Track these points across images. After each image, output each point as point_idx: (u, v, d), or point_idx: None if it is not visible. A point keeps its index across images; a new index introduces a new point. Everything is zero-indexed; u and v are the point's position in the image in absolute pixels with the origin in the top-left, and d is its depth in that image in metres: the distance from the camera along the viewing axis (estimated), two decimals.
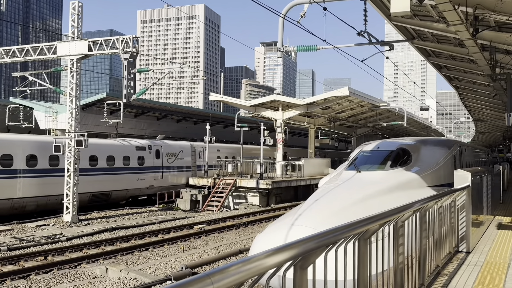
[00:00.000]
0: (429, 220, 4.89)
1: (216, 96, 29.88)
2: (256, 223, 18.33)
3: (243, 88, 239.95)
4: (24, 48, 18.95)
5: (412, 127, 42.78)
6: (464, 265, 5.92)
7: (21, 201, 18.88)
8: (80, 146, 17.92)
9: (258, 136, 27.54)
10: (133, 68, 17.30)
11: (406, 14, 7.74)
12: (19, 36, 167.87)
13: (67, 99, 18.35)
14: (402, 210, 3.74)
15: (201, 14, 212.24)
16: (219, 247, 13.29)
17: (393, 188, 9.00)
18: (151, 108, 35.17)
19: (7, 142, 18.69)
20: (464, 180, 6.94)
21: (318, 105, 27.53)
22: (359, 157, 10.70)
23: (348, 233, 2.67)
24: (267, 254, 1.90)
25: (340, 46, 13.27)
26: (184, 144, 27.94)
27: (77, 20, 17.93)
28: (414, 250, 4.38)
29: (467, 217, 6.75)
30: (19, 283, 9.70)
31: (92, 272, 10.54)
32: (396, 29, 11.88)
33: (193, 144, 28.65)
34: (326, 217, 7.33)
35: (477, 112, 29.47)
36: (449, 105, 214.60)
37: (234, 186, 23.96)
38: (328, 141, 34.22)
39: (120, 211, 21.37)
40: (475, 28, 8.38)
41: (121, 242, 14.03)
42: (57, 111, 30.33)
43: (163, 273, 10.25)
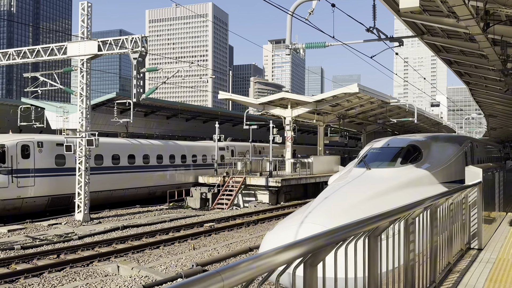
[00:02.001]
0: (440, 217, 4.85)
1: (224, 95, 29.92)
2: (265, 221, 18.34)
3: (252, 86, 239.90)
4: (35, 49, 19.15)
5: (422, 124, 42.42)
6: (476, 262, 5.87)
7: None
8: (91, 146, 18.07)
9: (267, 134, 27.54)
10: (142, 68, 17.39)
11: (415, 10, 7.67)
12: (30, 37, 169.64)
13: (78, 99, 18.51)
14: (412, 207, 3.72)
15: (209, 13, 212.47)
16: (229, 245, 13.33)
17: (404, 185, 8.95)
18: (161, 107, 35.34)
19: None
20: (476, 176, 6.88)
21: (327, 102, 27.43)
22: (369, 154, 10.65)
23: (358, 230, 2.67)
24: (277, 251, 1.90)
25: (349, 42, 13.21)
26: (248, 144, 32.78)
27: (87, 20, 18.07)
28: (425, 247, 4.35)
29: (478, 213, 6.69)
30: (33, 281, 9.84)
31: (104, 270, 10.64)
32: (405, 25, 11.78)
33: (254, 144, 33.78)
34: (336, 214, 7.31)
35: (489, 108, 29.13)
36: (460, 100, 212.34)
37: (244, 184, 23.99)
38: (338, 138, 34.09)
39: (131, 209, 21.54)
40: (486, 22, 8.29)
41: (132, 240, 14.14)
42: (68, 111, 30.65)
43: (174, 271, 10.31)
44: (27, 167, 18.87)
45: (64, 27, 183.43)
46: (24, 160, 18.73)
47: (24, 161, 18.73)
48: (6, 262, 11.11)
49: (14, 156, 18.39)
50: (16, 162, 18.43)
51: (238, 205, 24.29)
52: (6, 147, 18.28)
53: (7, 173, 18.02)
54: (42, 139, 19.65)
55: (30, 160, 18.97)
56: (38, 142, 19.32)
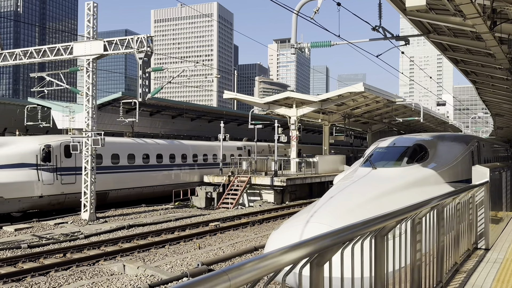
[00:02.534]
0: (447, 216, 4.82)
1: (230, 94, 29.93)
2: (271, 220, 18.34)
3: (257, 86, 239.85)
4: (41, 49, 19.26)
5: (428, 123, 42.21)
6: (483, 262, 5.83)
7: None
8: (97, 145, 18.15)
9: (272, 133, 27.53)
10: (148, 67, 17.44)
11: (421, 8, 7.62)
12: (36, 37, 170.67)
13: (84, 98, 18.59)
14: (419, 206, 3.70)
15: (214, 12, 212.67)
16: (234, 244, 13.34)
17: (410, 184, 8.91)
18: (166, 106, 35.42)
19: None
20: (483, 176, 6.84)
21: (332, 101, 27.36)
22: (375, 154, 10.61)
23: (365, 230, 2.65)
24: (283, 251, 1.90)
25: (355, 41, 13.16)
26: (265, 144, 34.83)
27: (93, 20, 18.14)
28: (432, 247, 4.33)
29: (485, 213, 6.65)
30: (39, 279, 9.90)
31: (109, 269, 10.69)
32: (411, 24, 11.72)
33: (270, 144, 35.07)
34: (341, 214, 7.29)
35: (496, 107, 28.92)
36: (466, 100, 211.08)
37: (249, 183, 24.00)
38: (343, 138, 34.01)
39: (136, 208, 21.61)
40: (493, 21, 8.22)
41: (138, 239, 14.18)
42: (74, 111, 30.80)
43: (180, 270, 10.33)
44: (69, 166, 20.20)
45: (70, 27, 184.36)
46: (67, 159, 20.16)
47: (67, 160, 20.15)
48: (13, 260, 11.19)
49: (58, 155, 19.86)
50: (60, 161, 19.89)
51: (243, 205, 24.30)
52: (52, 147, 19.77)
53: (53, 171, 19.54)
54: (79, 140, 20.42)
55: (72, 159, 20.30)
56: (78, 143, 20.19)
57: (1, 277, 9.88)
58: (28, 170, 18.83)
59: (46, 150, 19.51)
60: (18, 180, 18.45)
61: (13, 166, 18.38)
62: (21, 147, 18.99)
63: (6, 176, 17.89)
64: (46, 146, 19.57)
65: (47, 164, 19.36)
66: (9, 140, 19.37)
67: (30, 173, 18.86)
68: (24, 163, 18.71)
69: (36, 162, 19.12)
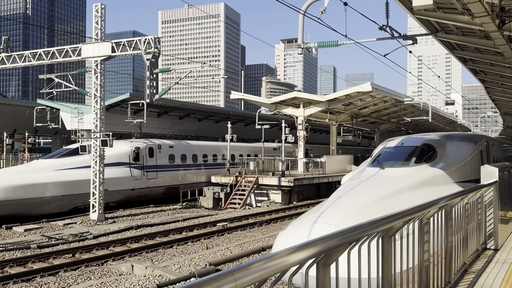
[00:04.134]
0: (455, 217, 4.79)
1: (237, 94, 29.96)
2: (278, 220, 18.33)
3: (264, 86, 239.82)
4: (50, 50, 19.42)
5: (437, 122, 41.90)
6: (492, 262, 5.78)
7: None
8: (105, 146, 18.26)
9: (279, 133, 27.51)
10: (155, 68, 17.51)
11: (429, 7, 7.58)
12: (45, 39, 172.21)
13: (92, 100, 18.73)
14: (427, 207, 3.69)
15: (221, 13, 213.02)
16: (242, 245, 13.36)
17: (418, 184, 8.86)
18: (174, 107, 35.53)
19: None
20: (492, 175, 6.78)
21: (339, 101, 27.27)
22: (383, 154, 10.57)
23: (372, 230, 2.65)
24: (290, 251, 1.90)
25: (362, 41, 13.11)
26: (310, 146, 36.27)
27: (100, 22, 18.26)
28: (440, 248, 4.30)
29: (494, 213, 6.60)
30: (49, 279, 9.98)
31: (118, 269, 10.75)
32: (419, 23, 11.65)
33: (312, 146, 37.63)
34: (349, 214, 7.28)
35: (505, 106, 28.65)
36: (475, 99, 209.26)
37: (256, 183, 24.00)
38: (351, 138, 33.87)
39: (144, 209, 21.72)
40: (502, 19, 8.15)
41: (146, 239, 14.25)
42: (83, 112, 31.02)
43: (188, 270, 10.37)
44: (152, 164, 23.76)
45: (78, 29, 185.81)
46: (150, 158, 23.74)
47: (150, 160, 23.73)
48: (23, 261, 11.30)
49: (144, 155, 23.44)
50: (145, 160, 23.45)
51: (251, 205, 24.31)
52: (140, 149, 23.31)
53: (141, 168, 23.14)
54: (160, 143, 24.95)
55: (154, 159, 23.90)
56: (158, 145, 24.49)
57: (11, 277, 9.98)
58: (123, 168, 22.38)
59: (136, 151, 23.05)
60: (117, 176, 21.85)
61: (113, 165, 21.69)
62: (118, 149, 21.95)
63: (109, 173, 20.72)
64: (136, 148, 23.09)
65: (137, 163, 22.98)
66: None
67: (125, 170, 22.41)
68: (121, 162, 22.28)
69: (129, 161, 22.67)
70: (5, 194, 17.30)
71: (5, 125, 36.22)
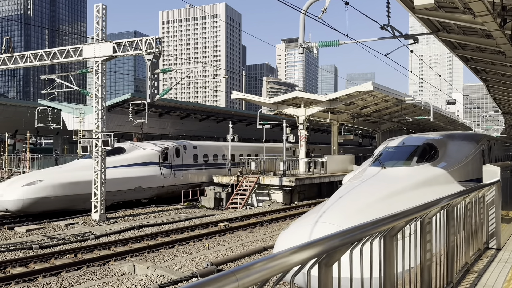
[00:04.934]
0: (457, 216, 4.78)
1: (238, 94, 29.96)
2: (279, 220, 18.32)
3: (265, 86, 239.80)
4: (51, 51, 19.44)
5: (438, 122, 41.86)
6: (495, 262, 5.77)
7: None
8: (107, 146, 18.27)
9: (281, 133, 27.50)
10: (157, 69, 17.52)
11: (430, 6, 7.57)
12: (46, 40, 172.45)
13: (93, 100, 18.74)
14: (429, 206, 3.68)
15: (222, 13, 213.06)
16: (243, 245, 13.36)
17: (420, 184, 8.85)
18: (175, 107, 35.53)
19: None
20: (494, 175, 6.77)
21: (341, 101, 27.25)
22: (384, 153, 10.55)
23: (374, 230, 2.64)
24: (292, 251, 1.90)
25: (363, 40, 13.10)
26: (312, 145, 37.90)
27: (101, 22, 18.27)
28: (442, 247, 4.30)
29: (496, 213, 6.58)
30: (51, 280, 10.00)
31: (120, 269, 10.76)
32: (420, 22, 11.63)
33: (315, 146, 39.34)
34: (351, 214, 7.27)
35: (507, 105, 28.60)
36: (477, 98, 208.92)
37: (257, 183, 24.00)
38: (352, 137, 33.83)
39: (146, 209, 21.74)
40: (503, 18, 8.13)
41: (147, 239, 14.26)
42: (84, 112, 31.05)
43: (189, 270, 10.37)
44: (179, 163, 25.25)
45: (80, 29, 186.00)
46: (177, 158, 25.23)
47: (177, 159, 25.21)
48: (25, 261, 11.31)
49: (172, 155, 24.89)
50: (173, 160, 24.92)
51: (252, 205, 24.30)
52: (168, 149, 24.72)
53: (169, 167, 24.65)
54: (186, 143, 26.46)
55: (180, 158, 25.40)
56: (183, 145, 26.00)
57: (13, 277, 10.00)
58: (154, 167, 23.86)
59: (165, 151, 24.50)
60: (149, 174, 23.46)
61: (146, 164, 23.48)
62: (149, 150, 24.01)
63: (142, 171, 22.97)
64: (165, 149, 24.50)
65: (166, 162, 24.46)
66: (141, 145, 24.99)
67: (156, 169, 23.90)
68: (152, 162, 23.82)
69: (159, 160, 24.12)
70: (53, 191, 19.01)
71: (6, 125, 36.28)
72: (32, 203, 18.59)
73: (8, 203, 18.48)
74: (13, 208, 18.53)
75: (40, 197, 18.78)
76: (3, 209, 18.70)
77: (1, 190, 18.78)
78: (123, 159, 22.56)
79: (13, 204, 18.43)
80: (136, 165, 23.00)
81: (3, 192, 18.66)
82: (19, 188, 18.72)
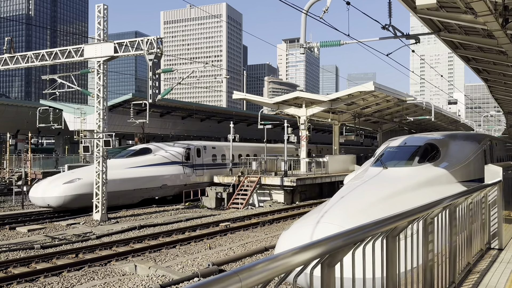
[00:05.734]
0: (459, 216, 4.77)
1: (239, 94, 29.96)
2: (281, 220, 18.32)
3: (266, 86, 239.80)
4: (53, 51, 19.46)
5: (440, 122, 41.81)
6: (497, 262, 5.76)
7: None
8: (108, 146, 18.29)
9: (282, 133, 27.49)
10: (158, 69, 17.53)
11: (432, 6, 7.55)
12: (48, 40, 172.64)
13: (95, 100, 18.76)
14: (431, 206, 3.67)
15: (223, 13, 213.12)
16: (244, 245, 13.35)
17: (422, 184, 8.83)
18: (176, 107, 35.54)
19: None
20: (496, 175, 6.76)
21: (342, 101, 27.23)
22: (386, 153, 10.54)
23: (376, 230, 2.64)
24: (294, 252, 1.90)
25: (365, 40, 13.09)
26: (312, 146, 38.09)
27: (103, 22, 18.29)
28: (444, 247, 4.29)
29: (499, 213, 6.57)
30: (52, 280, 10.00)
31: (121, 269, 10.77)
32: (422, 22, 11.61)
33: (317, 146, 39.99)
34: (352, 214, 7.26)
35: (508, 105, 28.56)
36: (478, 98, 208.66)
37: (259, 183, 23.99)
38: (353, 137, 33.81)
39: (147, 209, 21.75)
40: (505, 18, 8.12)
41: (149, 239, 14.26)
42: (85, 112, 31.09)
43: (191, 270, 10.37)
44: (199, 163, 26.62)
45: (81, 29, 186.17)
46: (198, 158, 26.62)
47: (198, 159, 26.60)
48: (26, 261, 11.32)
49: (193, 155, 26.33)
50: (194, 159, 26.31)
51: (253, 205, 24.30)
52: (190, 149, 26.20)
53: (191, 166, 26.09)
54: (205, 144, 27.76)
55: (200, 158, 26.78)
56: (203, 146, 27.35)
57: (14, 277, 10.01)
58: (178, 166, 25.28)
59: (187, 151, 25.94)
60: (174, 173, 24.91)
61: (170, 163, 24.91)
62: (173, 150, 25.46)
63: (168, 170, 24.50)
64: (187, 149, 25.97)
65: (188, 162, 25.87)
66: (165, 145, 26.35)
67: (179, 168, 25.34)
68: (176, 161, 25.25)
69: (182, 160, 25.53)
70: (91, 188, 19.68)
71: (8, 125, 36.34)
72: (72, 199, 19.95)
73: (50, 199, 19.71)
74: (55, 204, 19.79)
75: (80, 194, 20.14)
76: (45, 204, 19.99)
77: (43, 188, 20.06)
78: (151, 159, 24.16)
79: (55, 200, 19.70)
80: (161, 164, 24.48)
81: (45, 189, 19.93)
82: (60, 186, 19.97)
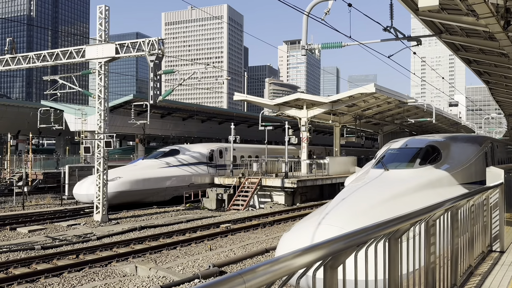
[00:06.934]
0: (461, 219, 4.77)
1: (240, 96, 29.97)
2: (281, 222, 18.30)
3: (267, 87, 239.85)
4: (54, 52, 19.49)
5: (441, 124, 41.79)
6: (498, 265, 5.75)
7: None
8: (109, 147, 18.29)
9: (283, 135, 27.49)
10: (159, 70, 17.54)
11: (434, 8, 7.55)
12: (49, 41, 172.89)
13: (96, 101, 18.77)
14: (433, 208, 3.67)
15: (224, 15, 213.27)
16: (245, 246, 13.34)
17: (423, 186, 8.82)
18: (177, 108, 35.56)
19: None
20: (497, 177, 6.75)
21: (343, 102, 27.24)
22: (387, 155, 10.53)
23: (379, 232, 2.64)
24: (297, 254, 1.89)
25: (366, 42, 13.09)
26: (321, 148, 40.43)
27: (104, 24, 18.31)
28: (446, 250, 4.28)
29: (500, 215, 6.56)
30: (53, 280, 10.00)
31: (122, 271, 10.76)
32: (423, 24, 11.61)
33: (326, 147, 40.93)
34: (353, 216, 7.25)
35: (509, 107, 28.54)
36: (479, 100, 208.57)
37: (259, 185, 23.97)
38: (354, 139, 33.81)
39: (148, 210, 21.75)
40: (507, 20, 8.12)
41: (149, 240, 14.25)
42: (86, 113, 31.12)
43: (191, 272, 10.36)
44: (221, 163, 27.93)
45: (82, 30, 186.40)
46: (220, 158, 28.07)
47: (220, 159, 28.03)
48: (27, 262, 11.32)
49: (216, 156, 27.88)
50: (217, 160, 27.81)
51: (254, 206, 24.28)
52: (213, 150, 27.75)
53: (214, 167, 27.60)
54: (226, 146, 28.99)
55: (222, 159, 28.17)
56: (225, 148, 28.72)
57: (15, 278, 10.01)
58: (203, 166, 26.95)
59: (210, 153, 27.53)
60: (199, 172, 26.55)
61: (196, 164, 26.63)
62: (198, 151, 27.18)
63: (194, 170, 26.28)
64: (211, 150, 27.54)
65: (211, 162, 27.43)
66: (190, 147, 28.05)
67: (204, 168, 26.96)
68: (201, 162, 26.94)
69: (206, 161, 27.16)
70: (130, 186, 21.89)
71: (9, 126, 36.38)
72: (115, 196, 21.40)
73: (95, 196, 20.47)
74: None
75: (121, 191, 21.93)
76: (89, 201, 21.13)
77: (87, 186, 21.58)
78: (179, 160, 25.98)
79: None
80: (189, 164, 26.24)
81: (90, 187, 21.22)
82: None
